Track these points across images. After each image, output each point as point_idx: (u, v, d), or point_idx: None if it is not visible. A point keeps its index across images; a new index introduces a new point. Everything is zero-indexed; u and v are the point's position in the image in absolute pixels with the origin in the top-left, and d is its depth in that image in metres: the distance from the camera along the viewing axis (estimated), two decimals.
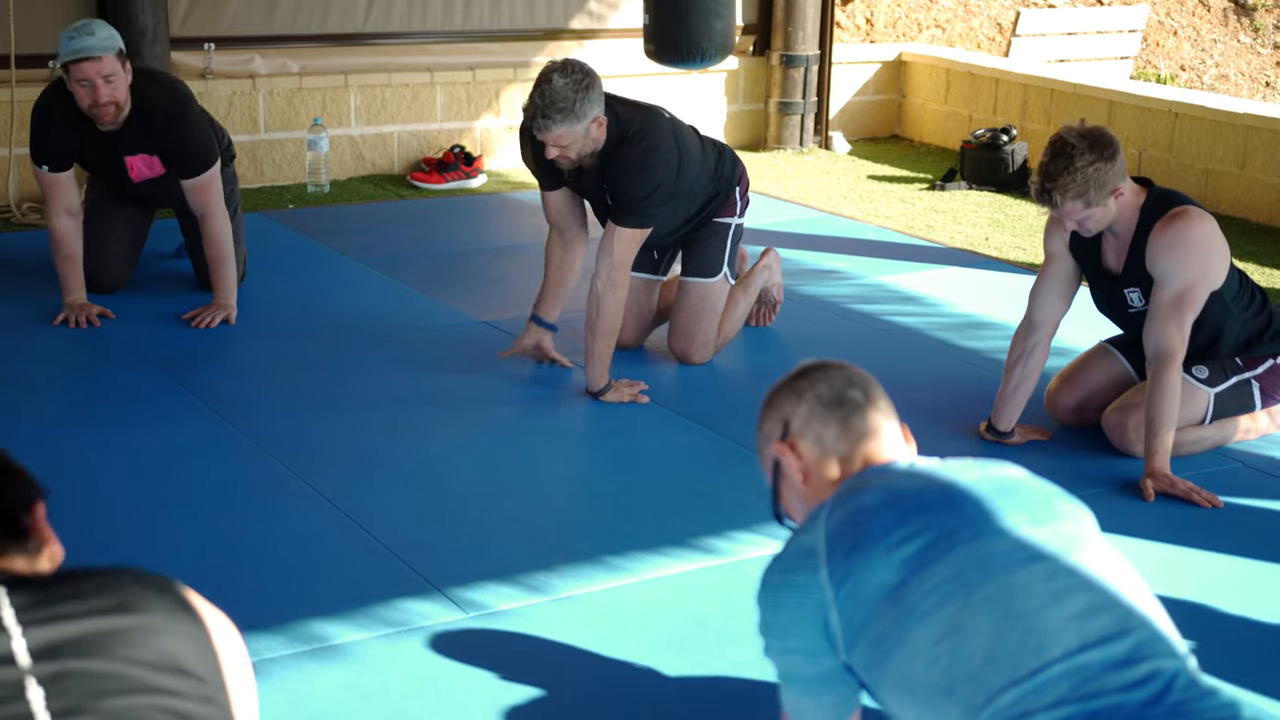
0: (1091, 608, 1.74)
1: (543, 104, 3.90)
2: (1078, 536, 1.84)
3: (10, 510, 1.53)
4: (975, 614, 1.74)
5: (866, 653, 1.80)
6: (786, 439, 2.02)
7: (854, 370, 2.05)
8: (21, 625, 1.39)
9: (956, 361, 4.58)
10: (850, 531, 1.85)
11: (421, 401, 4.14)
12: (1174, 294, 3.59)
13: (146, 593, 1.46)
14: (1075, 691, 1.68)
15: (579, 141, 3.98)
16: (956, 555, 1.78)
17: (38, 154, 4.72)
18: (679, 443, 3.90)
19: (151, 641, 1.42)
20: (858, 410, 1.99)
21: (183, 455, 3.72)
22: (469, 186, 6.94)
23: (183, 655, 1.43)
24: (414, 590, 3.01)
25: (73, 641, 1.39)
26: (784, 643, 1.89)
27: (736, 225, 4.51)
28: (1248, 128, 6.61)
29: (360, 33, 7.05)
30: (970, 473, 1.92)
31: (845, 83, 8.29)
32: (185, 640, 1.44)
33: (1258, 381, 3.83)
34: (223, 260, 4.77)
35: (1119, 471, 3.69)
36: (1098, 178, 3.53)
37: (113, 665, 1.39)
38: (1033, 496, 1.90)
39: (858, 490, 1.91)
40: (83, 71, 4.49)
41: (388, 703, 2.61)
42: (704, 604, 3.00)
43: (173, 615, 1.46)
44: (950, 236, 6.25)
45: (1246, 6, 10.92)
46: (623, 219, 4.08)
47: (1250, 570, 3.21)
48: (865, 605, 1.80)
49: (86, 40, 4.49)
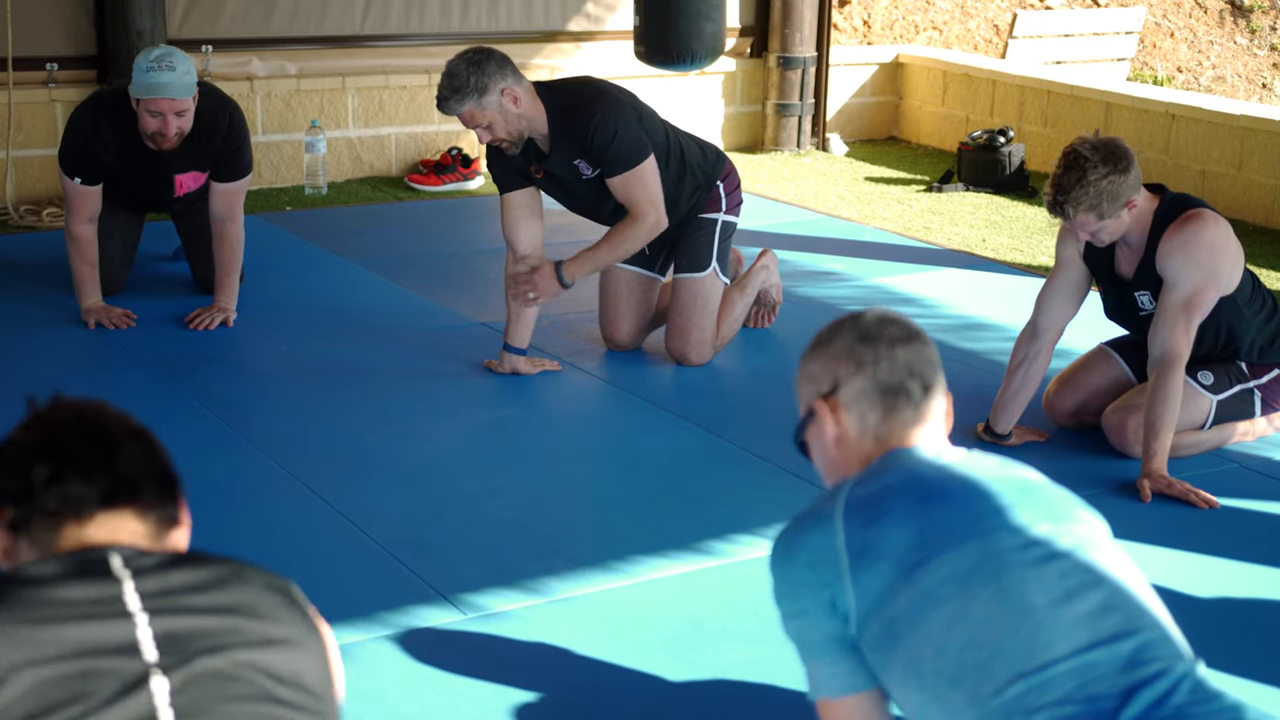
0: (1103, 606, 1.75)
1: (442, 87, 4.02)
2: (1091, 538, 1.84)
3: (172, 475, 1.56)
4: (988, 605, 1.74)
5: (878, 633, 1.79)
6: (830, 399, 1.97)
7: (922, 350, 1.97)
8: (148, 613, 1.36)
9: (953, 363, 4.58)
10: (871, 506, 1.84)
11: (419, 402, 4.14)
12: (1182, 297, 3.58)
13: (276, 599, 1.45)
14: (1081, 689, 1.68)
15: (498, 118, 4.02)
16: (973, 545, 1.78)
17: (73, 166, 4.64)
18: (677, 444, 3.91)
19: (279, 653, 1.40)
20: (911, 403, 1.94)
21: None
22: (466, 188, 6.94)
23: (305, 671, 1.41)
24: (412, 591, 3.01)
25: (199, 635, 1.36)
26: (793, 604, 1.86)
27: (724, 221, 4.50)
28: (1244, 129, 6.62)
29: (358, 35, 7.06)
30: (993, 470, 1.91)
31: (842, 84, 8.30)
32: (308, 656, 1.43)
33: (1260, 391, 3.84)
34: (234, 265, 4.79)
35: (1116, 473, 3.70)
36: (1111, 190, 3.52)
37: (237, 668, 1.36)
38: (1050, 498, 1.90)
39: (882, 471, 1.90)
40: (157, 106, 4.48)
41: (385, 704, 2.61)
42: (702, 605, 3.00)
43: (300, 628, 1.44)
44: (947, 238, 6.26)
45: (1243, 8, 10.94)
46: (613, 167, 4.11)
47: (1247, 571, 3.22)
48: (881, 580, 1.79)
49: (167, 77, 4.44)
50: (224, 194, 4.76)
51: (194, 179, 4.80)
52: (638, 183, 4.13)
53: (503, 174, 4.25)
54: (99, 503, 1.47)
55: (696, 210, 4.46)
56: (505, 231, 4.31)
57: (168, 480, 1.55)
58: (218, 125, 4.68)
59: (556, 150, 4.12)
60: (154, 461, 1.55)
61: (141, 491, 1.50)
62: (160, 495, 1.53)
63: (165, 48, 4.56)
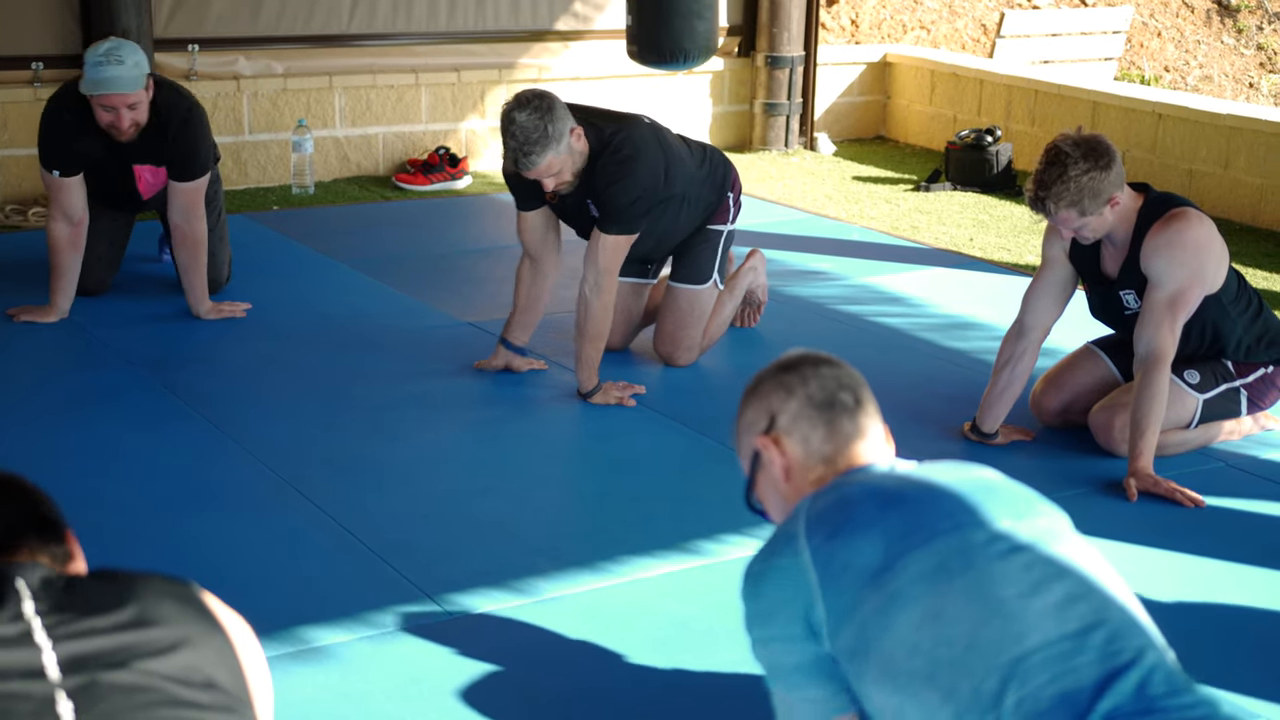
0: (1069, 597, 1.76)
1: (519, 145, 3.86)
2: (1055, 530, 1.86)
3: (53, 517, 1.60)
4: (956, 602, 1.75)
5: (851, 639, 1.80)
6: (771, 433, 2.01)
7: (844, 369, 2.04)
8: (52, 640, 1.41)
9: (941, 362, 4.59)
10: (832, 518, 1.86)
11: (406, 403, 4.13)
12: (1167, 295, 3.58)
13: (171, 603, 1.49)
14: (1055, 681, 1.69)
15: (569, 161, 3.96)
16: (937, 544, 1.79)
17: (48, 159, 4.68)
18: (664, 444, 3.91)
19: (177, 655, 1.44)
20: (847, 414, 1.99)
21: (167, 457, 3.71)
22: (454, 188, 6.94)
23: (208, 667, 1.45)
24: (398, 592, 3.01)
25: (100, 655, 1.41)
26: (765, 630, 1.88)
27: (729, 232, 4.51)
28: (1230, 128, 6.64)
29: (345, 34, 7.04)
30: (949, 473, 1.94)
31: (830, 84, 8.30)
32: (210, 652, 1.47)
33: (1246, 390, 3.84)
34: (196, 266, 4.77)
35: (1102, 472, 3.70)
36: (1092, 187, 3.52)
37: (139, 678, 1.41)
38: (1010, 494, 1.92)
39: (840, 485, 1.92)
40: (109, 101, 4.48)
41: (372, 704, 2.60)
42: (688, 605, 3.00)
43: (197, 627, 1.48)
44: (935, 237, 6.26)
45: (1230, 8, 10.96)
46: (608, 226, 4.07)
47: (1233, 569, 3.22)
48: (849, 589, 1.80)
49: (113, 70, 4.44)
50: (181, 193, 4.73)
51: (153, 173, 4.78)
52: (609, 248, 4.07)
53: (519, 194, 4.22)
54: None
55: (706, 221, 4.46)
56: (523, 242, 4.30)
57: (47, 524, 1.59)
58: (173, 119, 4.65)
59: (577, 190, 4.09)
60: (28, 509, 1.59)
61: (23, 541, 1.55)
62: (44, 538, 1.58)
63: (114, 40, 4.56)
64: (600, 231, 4.07)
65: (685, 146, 4.38)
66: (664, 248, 4.46)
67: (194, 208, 4.74)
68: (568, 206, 4.20)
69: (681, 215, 4.35)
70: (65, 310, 4.75)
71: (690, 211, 4.38)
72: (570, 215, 4.25)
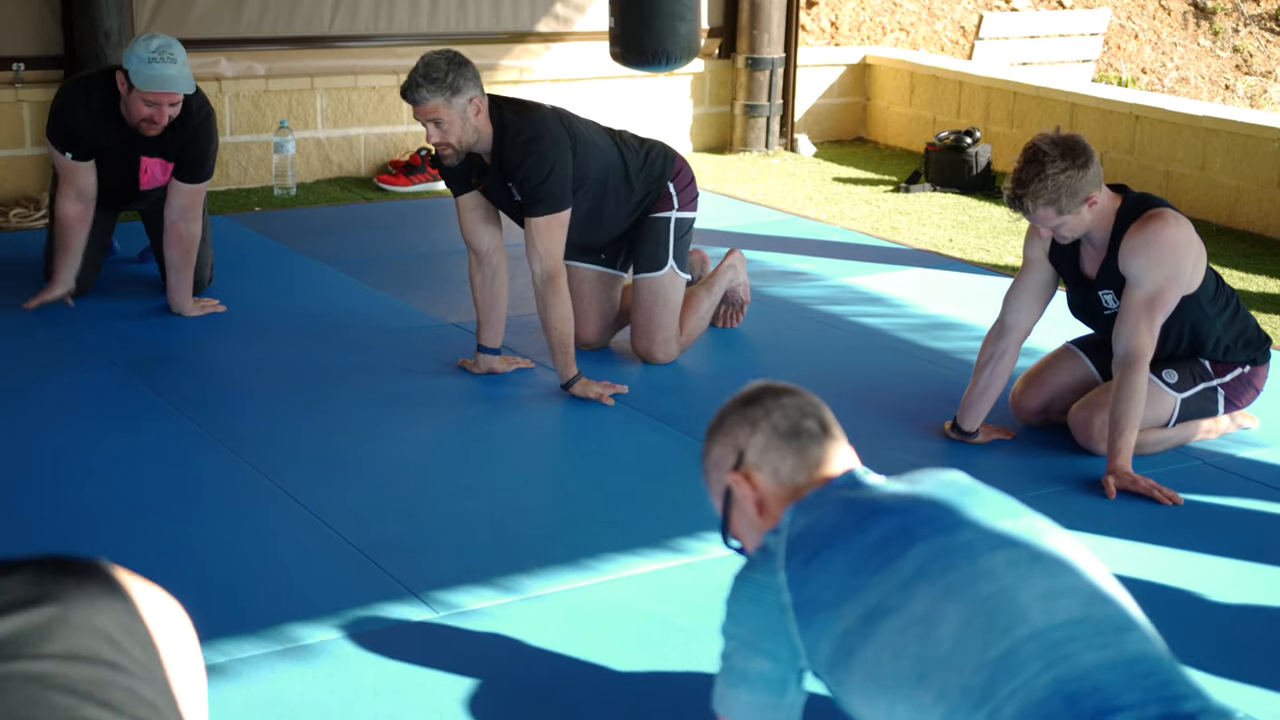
0: (1054, 590, 1.77)
1: (417, 75, 4.00)
2: (1035, 526, 1.87)
3: None
4: (940, 602, 1.76)
5: (830, 652, 1.81)
6: (740, 469, 2.02)
7: (805, 396, 2.05)
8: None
9: (921, 362, 4.62)
10: (810, 540, 1.87)
11: (390, 402, 4.15)
12: (1145, 295, 3.62)
13: (68, 580, 1.40)
14: (1048, 668, 1.70)
15: (457, 122, 4.02)
16: (916, 551, 1.81)
17: (63, 140, 4.69)
18: (647, 443, 3.93)
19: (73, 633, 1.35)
20: (814, 440, 2.00)
21: (152, 457, 3.72)
22: (435, 189, 6.94)
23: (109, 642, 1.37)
24: (384, 590, 3.02)
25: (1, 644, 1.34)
26: (735, 629, 1.91)
27: (677, 219, 4.53)
28: (1207, 130, 6.69)
29: (326, 35, 7.05)
30: (924, 480, 1.96)
31: (810, 85, 8.34)
32: (111, 624, 1.38)
33: (1223, 389, 3.88)
34: (186, 264, 4.81)
35: (1081, 470, 3.74)
36: (1069, 185, 3.55)
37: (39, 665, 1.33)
38: (987, 496, 1.93)
39: (820, 501, 1.94)
40: (156, 99, 4.50)
41: (359, 701, 2.62)
42: (671, 603, 3.02)
43: (95, 601, 1.39)
44: (914, 238, 6.30)
45: (1206, 10, 11.04)
46: (534, 208, 4.12)
47: (1210, 565, 3.26)
48: (825, 608, 1.82)
49: (171, 70, 4.46)
50: (184, 193, 4.75)
51: (160, 167, 4.79)
52: (543, 231, 4.13)
53: (450, 180, 4.31)
54: None
55: (649, 211, 4.49)
56: (464, 235, 4.35)
57: None
58: (193, 118, 4.69)
59: (494, 170, 4.17)
60: None
61: None
62: None
63: (163, 37, 4.57)
64: (530, 218, 4.13)
65: (610, 137, 4.43)
66: (604, 234, 4.48)
67: (193, 209, 4.78)
68: (494, 193, 4.25)
69: (609, 201, 4.38)
70: (70, 283, 4.80)
71: (620, 198, 4.42)
72: (500, 202, 4.30)
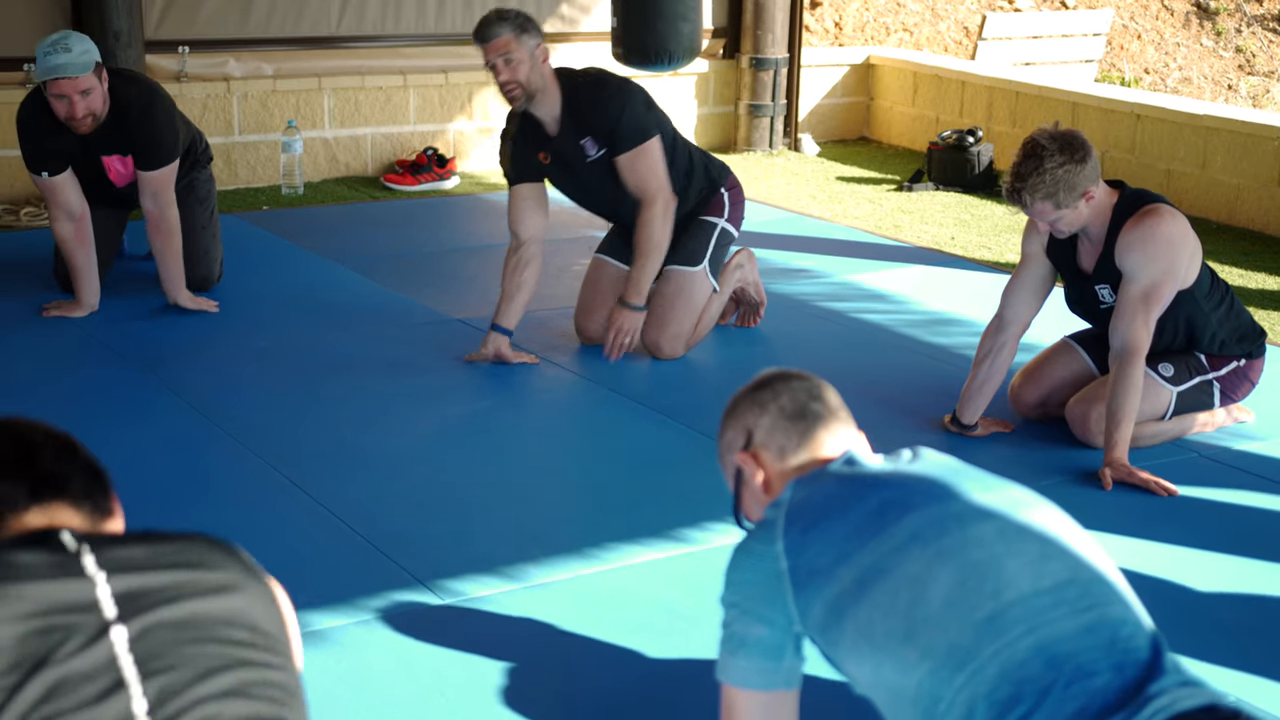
0: (1043, 555, 1.84)
1: (488, 15, 4.24)
2: (1025, 499, 1.94)
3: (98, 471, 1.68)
4: (931, 566, 1.82)
5: (822, 614, 1.87)
6: (749, 449, 2.09)
7: (814, 381, 2.12)
8: (105, 572, 1.49)
9: (923, 357, 4.67)
10: (808, 510, 1.94)
11: (397, 396, 4.20)
12: (1141, 290, 3.66)
13: (219, 554, 1.59)
14: (1031, 631, 1.76)
15: (526, 61, 4.19)
16: (911, 518, 1.87)
17: (33, 161, 4.74)
18: (652, 436, 3.98)
19: (226, 598, 1.53)
20: (820, 422, 2.07)
21: (162, 449, 3.77)
22: (442, 188, 7.00)
23: (252, 613, 1.55)
24: (392, 578, 3.08)
25: (152, 590, 1.50)
26: (734, 596, 1.97)
27: (723, 228, 4.60)
28: (1208, 129, 6.74)
29: (334, 36, 7.11)
30: (918, 459, 2.03)
31: (814, 85, 8.39)
32: (254, 599, 1.56)
33: (1219, 383, 3.92)
34: (171, 253, 4.83)
35: (1078, 462, 3.79)
36: (1067, 180, 3.60)
37: (190, 615, 1.50)
38: (977, 473, 2.00)
39: (822, 475, 2.00)
40: (59, 88, 4.53)
41: (368, 685, 2.67)
42: (675, 590, 3.07)
43: (242, 576, 1.58)
44: (917, 236, 6.35)
45: (1209, 10, 11.08)
46: (635, 136, 4.31)
47: (1205, 557, 3.30)
48: (819, 573, 1.88)
49: (62, 58, 4.50)
50: (149, 180, 4.78)
51: (121, 162, 4.83)
52: (645, 160, 4.31)
53: (514, 167, 4.44)
54: (29, 497, 1.60)
55: (699, 212, 4.55)
56: (510, 221, 4.46)
57: (95, 473, 1.68)
58: (132, 109, 4.70)
59: (565, 130, 4.29)
60: (77, 459, 1.68)
61: (69, 484, 1.63)
62: (89, 487, 1.66)
63: (63, 31, 4.63)
64: (636, 149, 4.30)
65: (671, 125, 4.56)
66: None
67: (164, 193, 4.79)
68: (566, 163, 4.37)
69: (676, 166, 4.47)
70: (94, 304, 4.84)
71: (684, 174, 4.52)
72: (574, 171, 4.41)
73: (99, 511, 1.65)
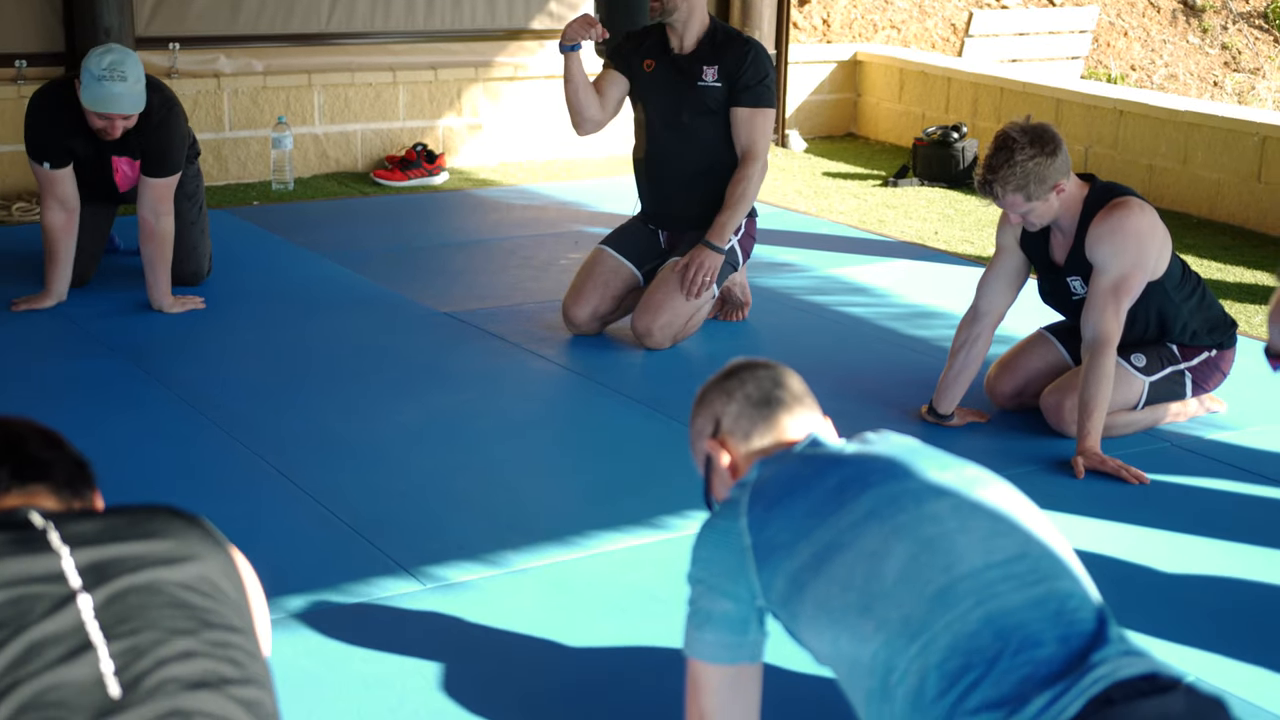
0: (994, 531, 1.90)
1: None
2: (979, 478, 2.00)
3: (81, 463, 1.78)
4: (887, 541, 1.89)
5: (783, 587, 1.93)
6: (718, 436, 2.16)
7: (779, 369, 2.20)
8: (69, 546, 1.58)
9: (903, 349, 4.73)
10: (772, 489, 2.00)
11: (383, 387, 4.25)
12: (1111, 281, 3.72)
13: (179, 524, 1.67)
14: (981, 603, 1.82)
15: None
16: (869, 495, 1.93)
17: (38, 151, 4.77)
18: (632, 426, 4.04)
19: (187, 566, 1.61)
20: (783, 407, 2.14)
21: (149, 439, 3.83)
22: (431, 184, 7.06)
23: (214, 578, 1.63)
24: (374, 564, 3.13)
25: (115, 560, 1.58)
26: (700, 572, 2.03)
27: (732, 247, 4.65)
28: (1189, 125, 6.80)
29: (323, 32, 7.16)
30: (879, 440, 2.09)
31: (802, 82, 8.44)
32: (216, 566, 1.64)
33: (1191, 373, 3.98)
34: (163, 261, 4.85)
35: (1052, 451, 3.84)
36: (1038, 172, 3.66)
37: (154, 583, 1.58)
38: (935, 452, 2.06)
39: (785, 456, 2.07)
40: (109, 118, 4.57)
41: (349, 668, 2.73)
42: (653, 576, 3.13)
43: (204, 545, 1.66)
44: (901, 231, 6.41)
45: (1195, 8, 11.14)
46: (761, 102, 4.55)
47: (1175, 543, 3.36)
48: (781, 548, 1.94)
49: (118, 87, 4.50)
50: (152, 188, 4.81)
51: (130, 165, 4.87)
52: (763, 123, 4.57)
53: (614, 56, 4.71)
54: (10, 479, 1.70)
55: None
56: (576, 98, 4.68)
57: (79, 465, 1.78)
58: (151, 117, 4.73)
59: (696, 52, 4.54)
60: (61, 450, 1.77)
61: (51, 471, 1.73)
62: (71, 477, 1.75)
63: (117, 52, 4.58)
64: (760, 109, 4.55)
65: None
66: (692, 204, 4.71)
67: (163, 204, 4.82)
68: (666, 78, 4.62)
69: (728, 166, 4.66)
70: (63, 294, 4.87)
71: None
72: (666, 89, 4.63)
73: (79, 501, 1.73)
